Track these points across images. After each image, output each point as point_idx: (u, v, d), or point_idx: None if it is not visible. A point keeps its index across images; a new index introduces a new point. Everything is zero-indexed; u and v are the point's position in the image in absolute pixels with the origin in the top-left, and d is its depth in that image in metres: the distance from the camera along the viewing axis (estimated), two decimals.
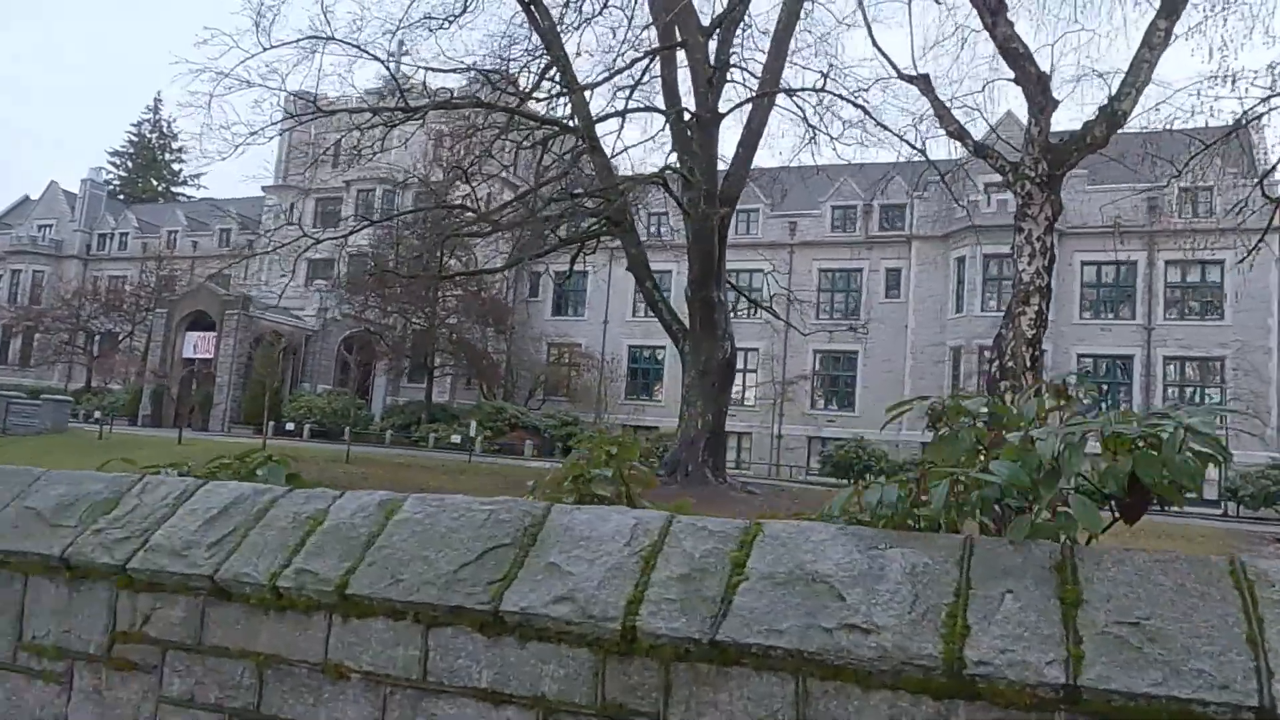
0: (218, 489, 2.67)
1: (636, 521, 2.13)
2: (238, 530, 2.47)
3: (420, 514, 2.30)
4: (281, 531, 2.41)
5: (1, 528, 2.76)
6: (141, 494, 2.72)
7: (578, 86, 22.13)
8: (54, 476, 2.94)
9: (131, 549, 2.53)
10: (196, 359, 41.85)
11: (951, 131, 13.65)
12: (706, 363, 20.98)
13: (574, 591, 1.98)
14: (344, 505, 2.45)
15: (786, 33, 21.28)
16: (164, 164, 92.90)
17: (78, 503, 2.75)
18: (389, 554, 2.22)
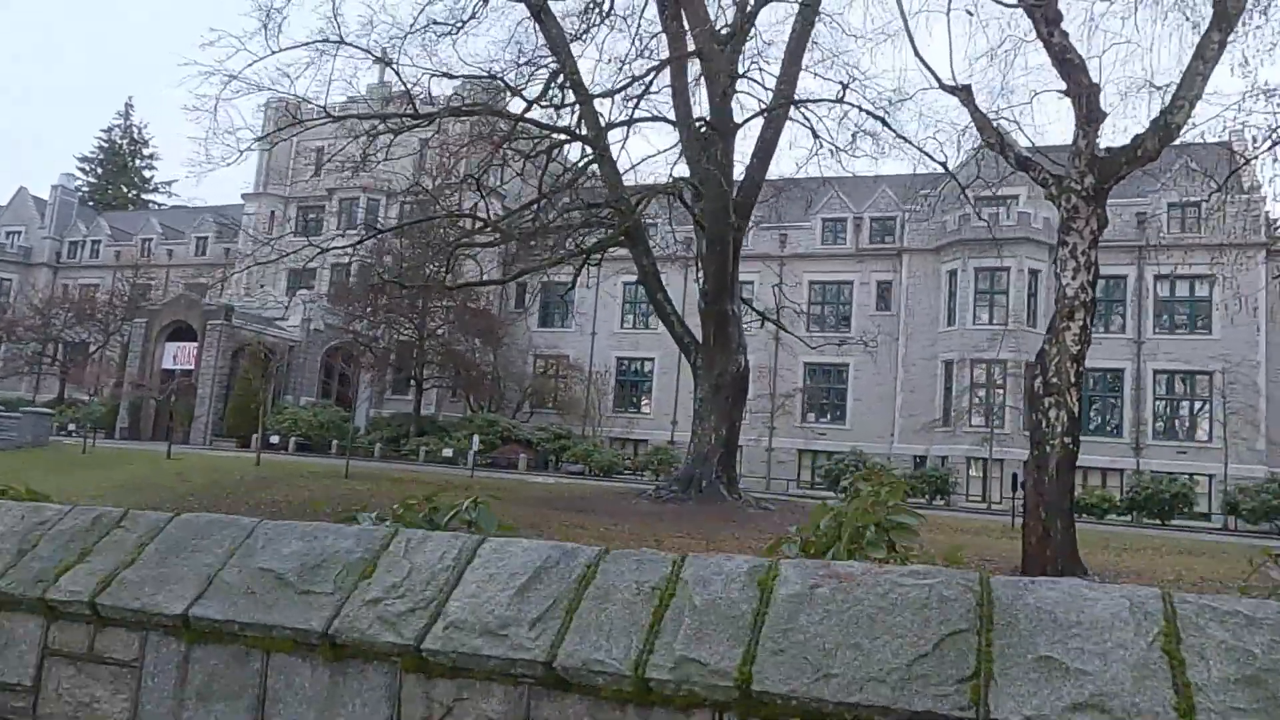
0: (508, 548, 2.23)
1: (1130, 602, 1.72)
2: (559, 602, 2.04)
3: (823, 589, 1.88)
4: (627, 606, 1.98)
5: (228, 593, 2.31)
6: (407, 553, 2.28)
7: (586, 95, 21.76)
8: (276, 530, 2.49)
9: (422, 624, 2.09)
10: (176, 370, 40.79)
11: (991, 143, 13.43)
12: (720, 376, 20.61)
13: (1100, 696, 1.57)
14: (700, 573, 2.02)
15: (800, 44, 21.06)
16: (135, 170, 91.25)
17: (326, 563, 2.30)
18: (801, 640, 1.80)
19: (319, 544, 2.37)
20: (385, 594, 2.17)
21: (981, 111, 13.41)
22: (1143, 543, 19.74)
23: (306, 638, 2.17)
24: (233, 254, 55.84)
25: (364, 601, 2.17)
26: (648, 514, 17.76)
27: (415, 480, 23.13)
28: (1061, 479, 12.94)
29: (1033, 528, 13.10)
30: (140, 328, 40.71)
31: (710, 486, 20.05)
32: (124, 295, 51.02)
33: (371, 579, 2.24)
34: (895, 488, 2.92)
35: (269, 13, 18.01)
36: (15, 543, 2.73)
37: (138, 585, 2.43)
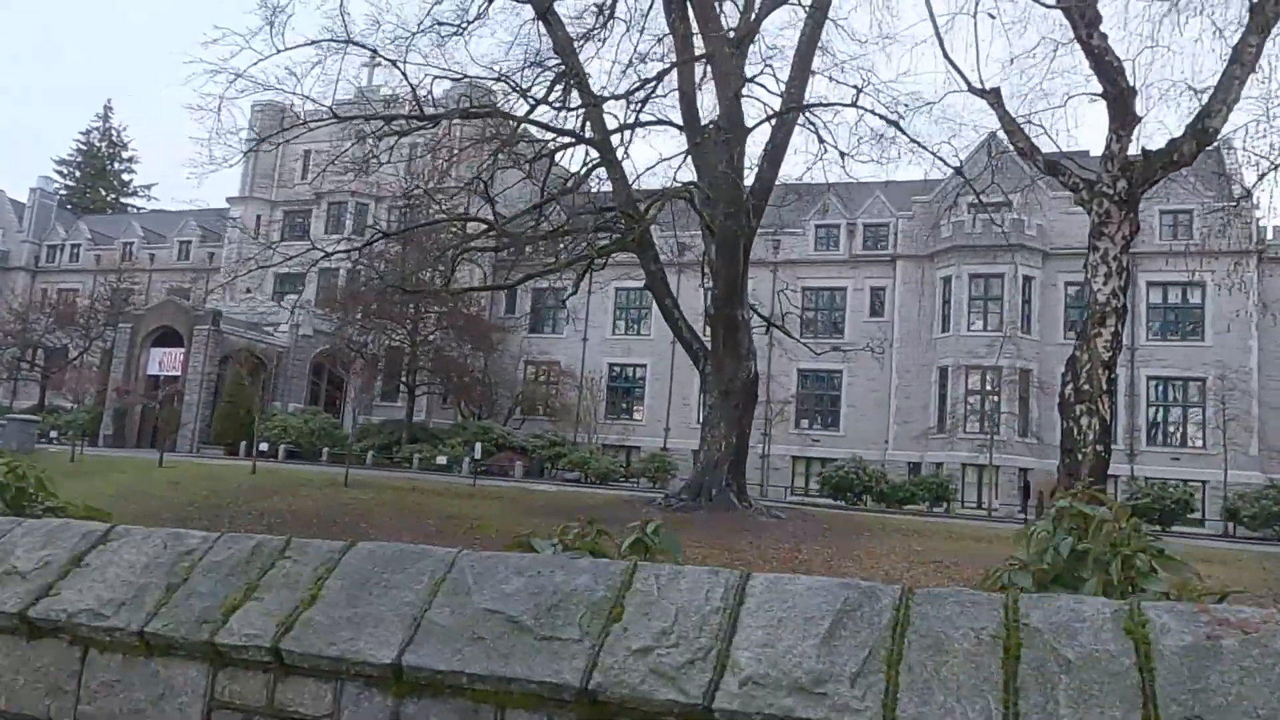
0: (784, 585, 1.93)
1: None
2: (875, 653, 1.74)
3: (1228, 640, 1.58)
4: (969, 658, 1.68)
5: (445, 638, 1.99)
6: (661, 592, 1.97)
7: (593, 98, 21.49)
8: (484, 562, 2.17)
9: (706, 678, 1.78)
10: (162, 376, 40.06)
11: (1021, 148, 13.27)
12: (730, 383, 20.35)
13: None
14: (1053, 619, 1.72)
15: (809, 48, 20.88)
16: (114, 173, 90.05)
17: (563, 604, 1.99)
18: (1223, 705, 1.50)
19: (547, 580, 2.05)
20: (655, 642, 1.85)
21: (1010, 115, 13.26)
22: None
23: (557, 693, 1.85)
24: (218, 258, 55.14)
25: (629, 651, 1.85)
26: (669, 524, 17.41)
27: (417, 489, 22.72)
28: (1094, 487, 12.72)
29: None
30: (125, 333, 39.94)
31: (720, 495, 19.78)
32: (106, 300, 50.11)
33: (624, 623, 1.92)
34: (1120, 511, 2.63)
35: (274, 10, 17.57)
36: (163, 576, 2.39)
37: (329, 628, 2.10)
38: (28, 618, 2.41)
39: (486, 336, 40.25)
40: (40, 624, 2.41)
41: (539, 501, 21.28)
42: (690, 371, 46.42)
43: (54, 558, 2.56)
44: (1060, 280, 40.01)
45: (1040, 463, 37.97)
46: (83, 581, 2.46)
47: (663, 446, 44.68)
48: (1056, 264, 40.01)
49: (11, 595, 2.46)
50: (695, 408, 46.24)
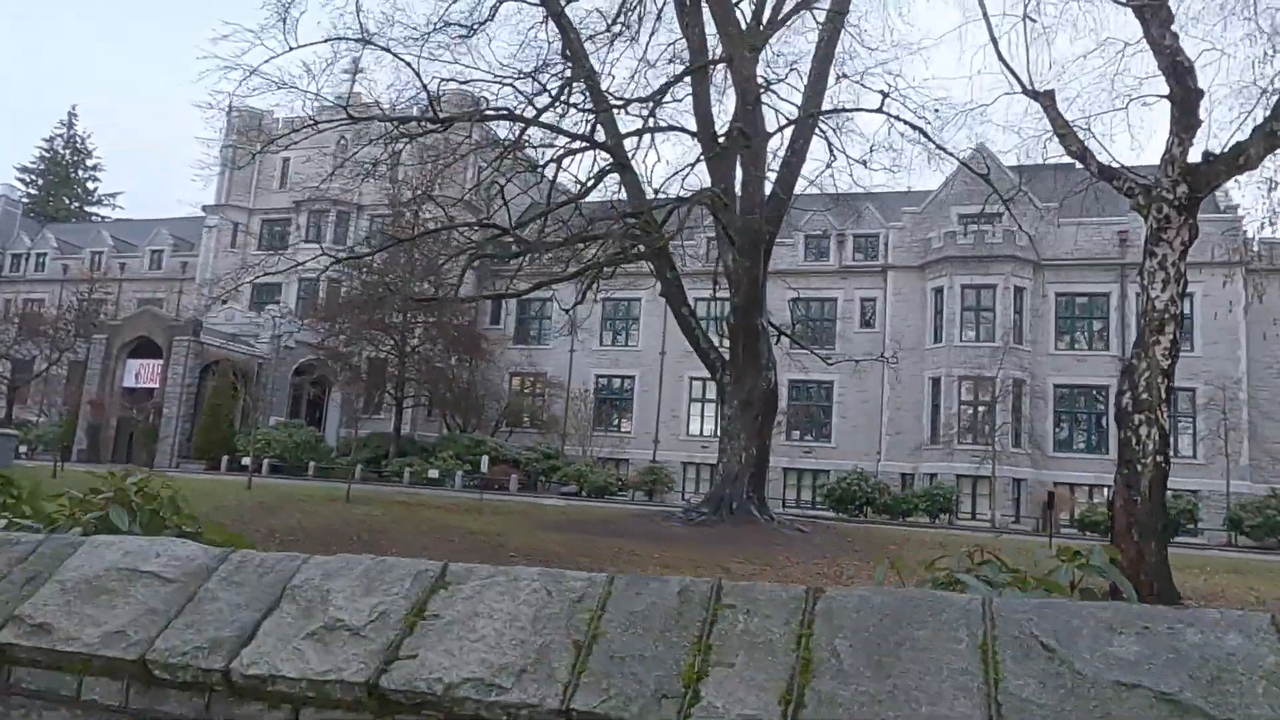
0: None
1: None
2: None
3: None
4: None
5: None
6: None
7: (605, 103, 21.02)
8: (1026, 612, 1.64)
9: None
10: (139, 389, 38.82)
11: (1073, 152, 12.98)
12: (749, 393, 19.88)
13: None
14: None
15: (827, 52, 20.59)
16: (78, 181, 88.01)
17: (1224, 674, 1.47)
18: None
19: (1161, 640, 1.53)
20: None
21: (1064, 118, 12.98)
22: (1182, 562, 19.42)
23: None
24: (191, 267, 53.81)
25: None
26: (691, 538, 16.90)
27: (422, 504, 21.95)
28: (1154, 499, 12.45)
29: (1124, 550, 12.54)
30: (100, 344, 38.65)
31: (741, 507, 19.29)
32: (74, 310, 48.65)
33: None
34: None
35: (286, 6, 16.88)
36: (562, 633, 1.85)
37: (861, 705, 1.58)
38: (378, 689, 1.83)
39: (477, 347, 39.49)
40: (398, 697, 1.84)
41: (552, 517, 20.63)
42: (679, 383, 46.24)
43: (389, 607, 1.99)
44: (1051, 291, 40.18)
45: (1036, 473, 38.00)
46: (445, 640, 1.90)
47: (652, 459, 44.14)
48: (1047, 275, 40.17)
49: (349, 658, 1.89)
50: (684, 420, 45.85)
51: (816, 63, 20.54)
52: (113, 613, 2.13)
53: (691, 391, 45.36)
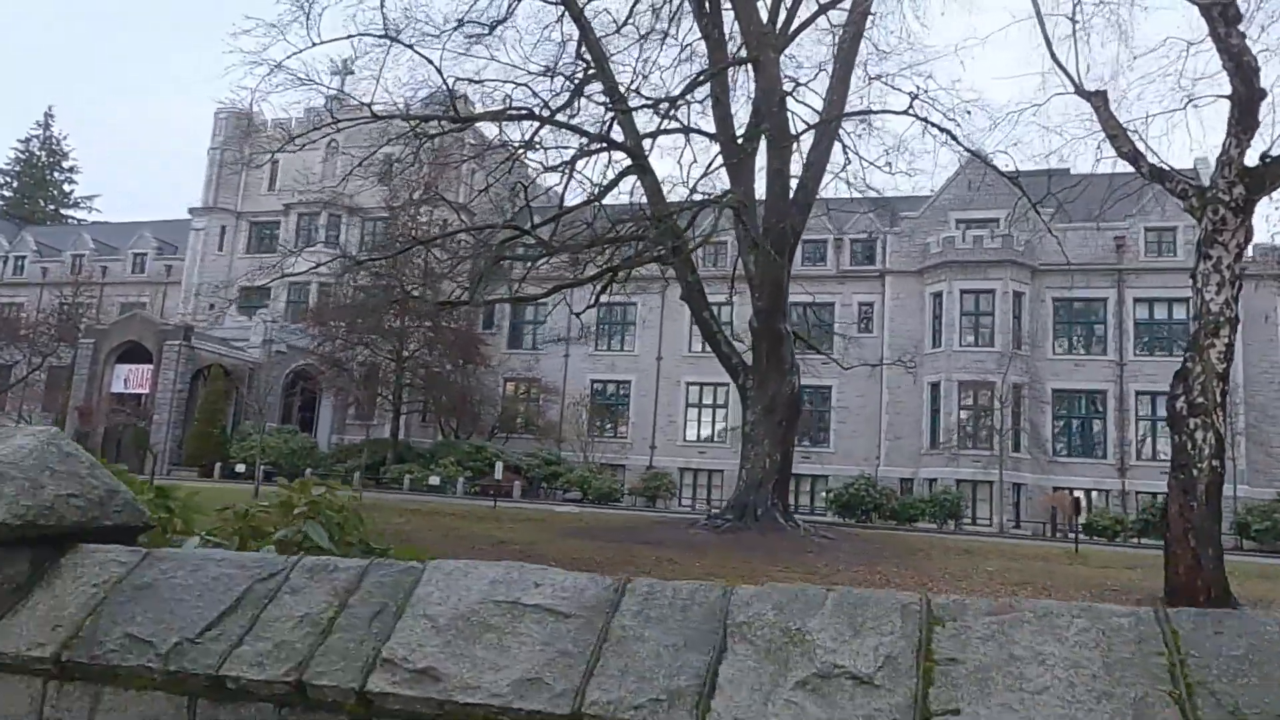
0: None
1: None
2: None
3: None
4: None
5: None
6: None
7: (624, 103, 20.72)
8: None
9: None
10: (128, 394, 37.99)
11: (1125, 153, 12.85)
12: (773, 399, 19.61)
13: None
14: None
15: (851, 54, 20.42)
16: (54, 183, 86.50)
17: None
18: None
19: None
20: None
21: (1115, 119, 12.84)
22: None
23: None
24: (176, 271, 52.88)
25: None
26: (722, 546, 16.59)
27: (436, 512, 21.51)
28: (1211, 504, 12.29)
29: (1180, 556, 12.40)
30: (87, 349, 37.77)
31: (766, 514, 19.00)
32: (58, 314, 47.64)
33: None
34: None
35: (311, 2, 16.42)
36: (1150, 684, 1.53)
37: None
38: None
39: (475, 352, 39.02)
40: None
41: (571, 524, 20.27)
42: (676, 389, 45.92)
43: (890, 650, 1.67)
44: (1048, 296, 40.29)
45: (1036, 478, 38.03)
46: (990, 692, 1.57)
47: (649, 465, 43.80)
48: (1044, 280, 40.28)
49: (870, 715, 1.57)
50: (681, 426, 45.52)
51: (839, 64, 20.36)
52: (509, 655, 1.79)
53: (689, 397, 45.09)
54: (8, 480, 2.25)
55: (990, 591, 12.75)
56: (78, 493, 2.37)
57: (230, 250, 49.72)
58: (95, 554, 2.30)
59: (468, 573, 2.01)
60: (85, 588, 2.19)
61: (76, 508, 2.35)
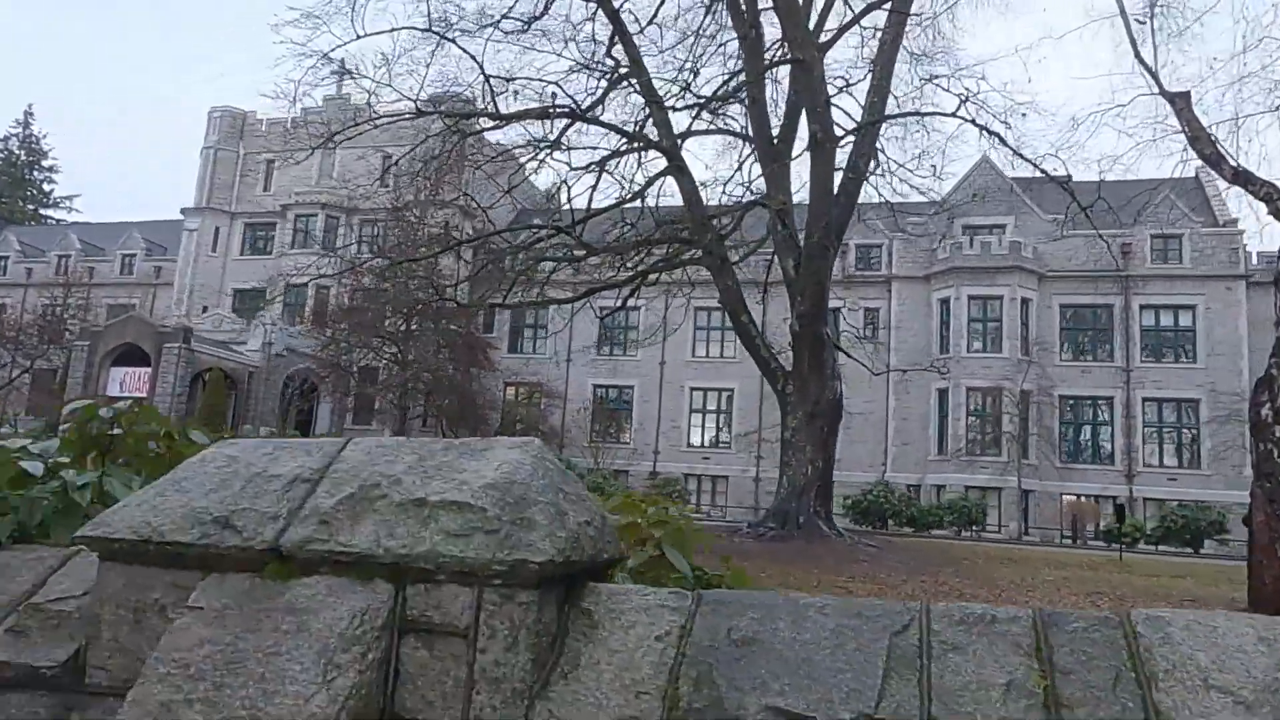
0: None
1: None
2: None
3: None
4: None
5: None
6: None
7: (660, 102, 20.37)
8: None
9: None
10: (123, 398, 37.01)
11: (1207, 156, 12.64)
12: (815, 405, 19.27)
13: None
14: None
15: (891, 56, 20.17)
16: (33, 183, 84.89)
17: None
18: None
19: None
20: None
21: (1199, 121, 12.64)
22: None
23: None
24: (166, 272, 51.87)
25: None
26: (772, 554, 16.16)
27: None
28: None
29: (1267, 566, 12.17)
30: (82, 351, 36.84)
31: (809, 522, 18.65)
32: (48, 314, 46.59)
33: None
34: None
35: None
36: None
37: None
38: None
39: (484, 355, 38.48)
40: None
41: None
42: (679, 393, 45.50)
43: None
44: (1055, 303, 40.30)
45: (1044, 484, 37.98)
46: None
47: (652, 470, 43.42)
48: (1051, 286, 40.32)
49: None
50: (685, 430, 45.13)
51: (879, 67, 20.10)
52: None
53: (692, 402, 44.76)
54: (533, 505, 1.84)
55: (1076, 602, 12.45)
56: (589, 519, 1.95)
57: (224, 251, 48.84)
58: (626, 597, 1.88)
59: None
60: (645, 642, 1.77)
61: (590, 538, 1.93)
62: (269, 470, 2.01)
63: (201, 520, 1.91)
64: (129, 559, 1.96)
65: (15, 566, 2.21)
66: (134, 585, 1.94)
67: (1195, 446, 37.94)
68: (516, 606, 1.73)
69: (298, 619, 1.73)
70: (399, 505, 1.84)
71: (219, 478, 2.03)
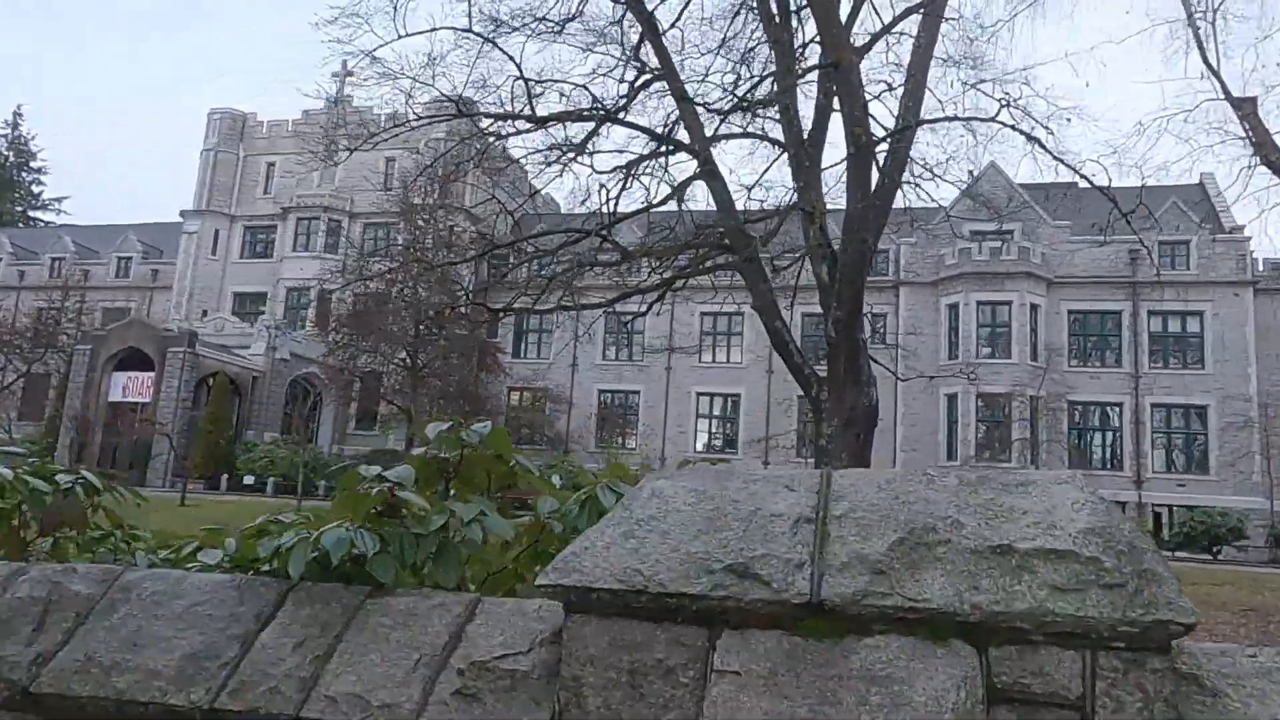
0: None
1: None
2: None
3: None
4: None
5: None
6: None
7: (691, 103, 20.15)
8: None
9: None
10: (125, 403, 36.51)
11: (1272, 163, 12.53)
12: (852, 411, 19.01)
13: None
14: None
15: (925, 61, 20.00)
16: (21, 185, 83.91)
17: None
18: None
19: None
20: None
21: (1264, 126, 12.53)
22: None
23: None
24: (163, 275, 51.21)
25: None
26: None
27: None
28: None
29: None
30: (84, 355, 36.25)
31: None
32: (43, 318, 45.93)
33: None
34: None
35: None
36: None
37: None
38: None
39: (494, 360, 38.18)
40: None
41: None
42: (685, 398, 45.24)
43: None
44: (1064, 308, 40.36)
45: None
46: None
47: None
48: (1059, 292, 40.37)
49: None
50: (691, 436, 44.90)
51: (914, 71, 19.91)
52: None
53: (699, 407, 44.57)
54: (1146, 553, 1.59)
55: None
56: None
57: (224, 254, 48.26)
58: (1231, 661, 1.64)
59: None
60: None
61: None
62: (763, 509, 1.75)
63: (710, 568, 1.65)
64: (610, 611, 1.69)
65: (422, 614, 1.94)
66: (622, 643, 1.68)
67: (1204, 453, 38.04)
68: (1148, 674, 1.48)
69: (888, 689, 1.48)
70: (973, 552, 1.58)
71: (699, 516, 1.77)
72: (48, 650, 1.96)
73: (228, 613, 1.96)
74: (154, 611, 1.98)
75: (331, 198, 46.41)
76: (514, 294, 21.75)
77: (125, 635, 1.95)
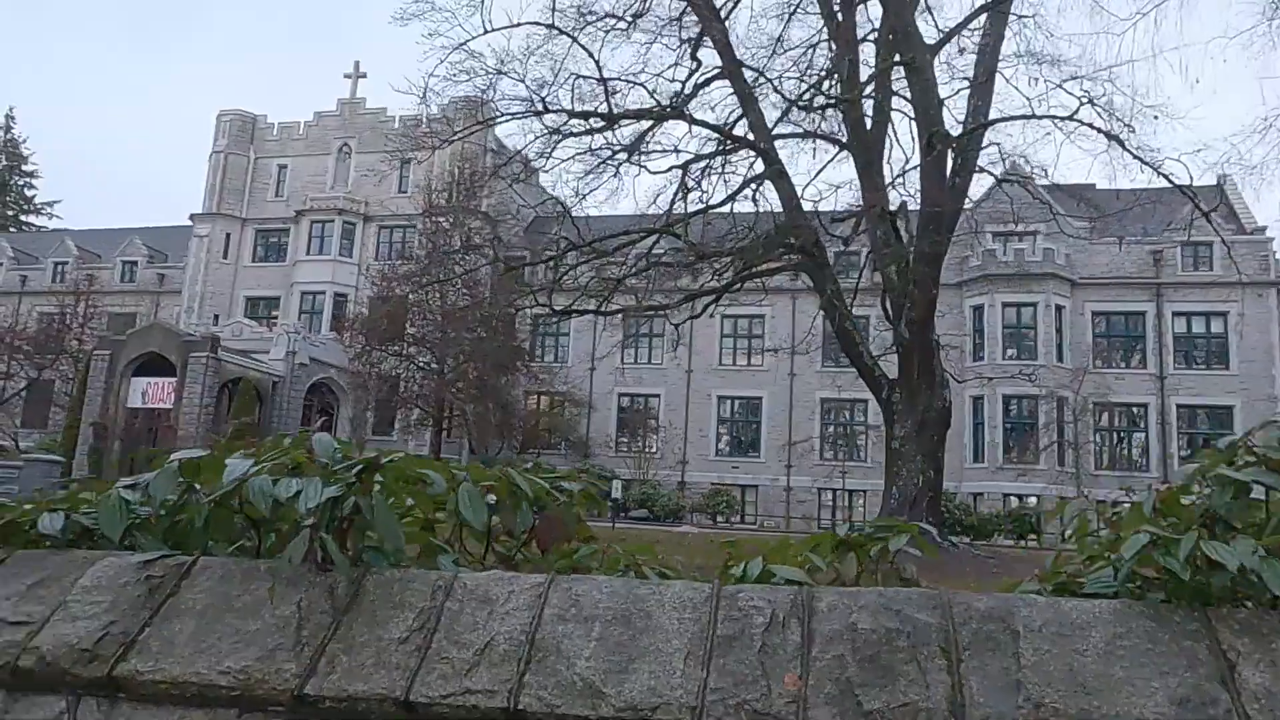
0: None
1: None
2: None
3: None
4: None
5: None
6: None
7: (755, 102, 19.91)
8: None
9: None
10: (144, 409, 35.84)
11: None
12: (925, 413, 18.86)
13: None
14: None
15: (993, 58, 19.86)
16: (14, 189, 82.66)
17: None
18: None
19: None
20: None
21: None
22: None
23: None
24: (170, 279, 50.46)
25: None
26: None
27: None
28: None
29: None
30: (103, 360, 35.56)
31: (923, 534, 18.19)
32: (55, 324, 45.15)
33: None
34: None
35: None
36: None
37: None
38: None
39: (523, 364, 37.76)
40: None
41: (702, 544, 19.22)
42: (706, 402, 44.87)
43: None
44: (1088, 310, 40.35)
45: (1080, 492, 37.88)
46: None
47: (680, 480, 42.81)
48: (1083, 294, 40.38)
49: None
50: (712, 440, 44.49)
51: (982, 69, 19.79)
52: None
53: (720, 411, 44.26)
54: None
55: None
56: None
57: (235, 258, 47.60)
58: None
59: None
60: None
61: None
62: None
63: None
64: None
65: None
66: None
67: None
68: None
69: None
70: None
71: None
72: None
73: None
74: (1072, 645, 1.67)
75: (345, 200, 45.88)
76: (575, 296, 21.46)
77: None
